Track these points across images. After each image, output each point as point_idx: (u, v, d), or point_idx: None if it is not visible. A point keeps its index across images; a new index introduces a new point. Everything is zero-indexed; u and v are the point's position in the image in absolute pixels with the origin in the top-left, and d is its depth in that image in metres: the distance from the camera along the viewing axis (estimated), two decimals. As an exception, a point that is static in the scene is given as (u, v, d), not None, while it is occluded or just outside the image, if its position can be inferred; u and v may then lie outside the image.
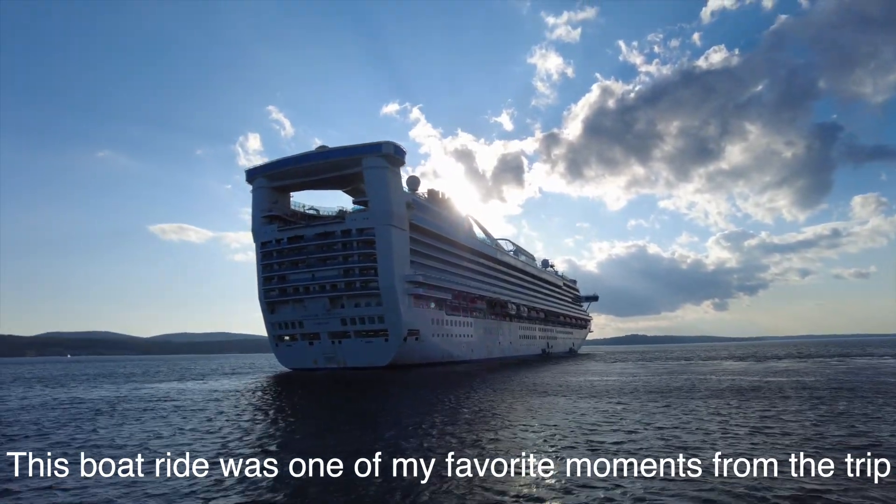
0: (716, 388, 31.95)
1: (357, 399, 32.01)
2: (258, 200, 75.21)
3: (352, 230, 68.91)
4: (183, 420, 22.43)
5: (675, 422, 18.95)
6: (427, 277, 73.89)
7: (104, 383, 51.59)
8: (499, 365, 76.02)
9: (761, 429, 17.15)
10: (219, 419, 22.51)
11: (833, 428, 17.16)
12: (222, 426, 20.40)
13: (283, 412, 25.81)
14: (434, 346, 75.34)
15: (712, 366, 61.48)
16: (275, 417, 23.52)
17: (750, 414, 20.55)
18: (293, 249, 71.60)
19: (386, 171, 68.61)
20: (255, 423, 21.32)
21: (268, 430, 19.81)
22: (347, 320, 68.77)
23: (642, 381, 39.97)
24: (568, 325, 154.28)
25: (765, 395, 27.69)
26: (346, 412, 25.20)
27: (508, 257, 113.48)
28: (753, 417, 19.65)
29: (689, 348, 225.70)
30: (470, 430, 18.32)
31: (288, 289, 71.82)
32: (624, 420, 19.72)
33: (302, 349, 72.16)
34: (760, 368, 53.28)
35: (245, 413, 25.05)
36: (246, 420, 22.36)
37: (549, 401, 27.00)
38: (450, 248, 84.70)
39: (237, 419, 22.57)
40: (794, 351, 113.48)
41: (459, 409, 24.06)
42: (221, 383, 47.88)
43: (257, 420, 22.46)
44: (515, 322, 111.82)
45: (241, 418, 22.93)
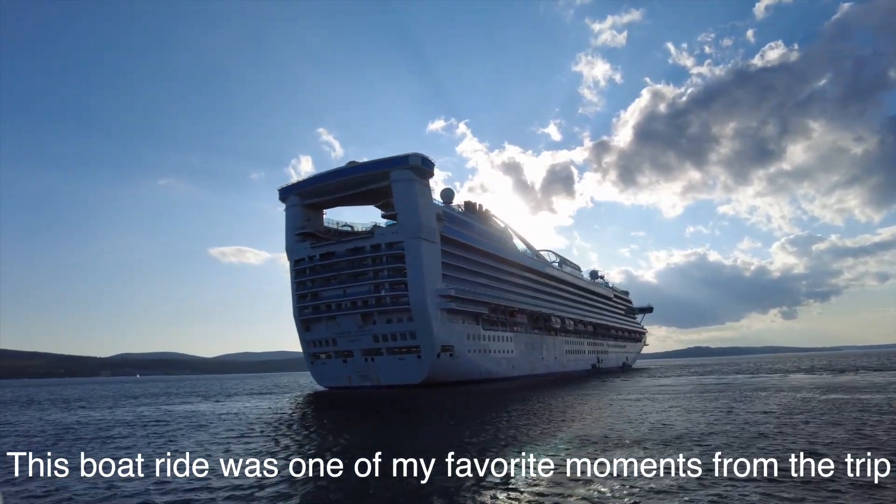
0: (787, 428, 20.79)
1: (373, 428, 29.87)
2: (291, 218, 75.32)
3: (381, 245, 67.56)
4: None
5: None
6: (460, 291, 71.42)
7: (130, 402, 51.87)
8: (539, 382, 72.34)
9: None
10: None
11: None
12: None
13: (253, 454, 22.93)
14: (470, 362, 72.52)
15: (775, 380, 55.53)
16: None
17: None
18: (325, 266, 71.02)
19: (414, 184, 67.07)
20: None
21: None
22: (379, 337, 67.19)
23: (674, 408, 35.78)
24: (620, 339, 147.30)
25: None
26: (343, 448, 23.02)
27: (551, 268, 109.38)
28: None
29: (753, 360, 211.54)
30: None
31: (321, 306, 71.09)
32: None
33: (336, 367, 71.06)
34: (852, 384, 47.41)
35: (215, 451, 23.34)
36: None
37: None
38: (486, 260, 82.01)
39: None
40: (880, 362, 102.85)
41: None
42: (238, 405, 46.97)
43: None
44: (561, 336, 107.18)
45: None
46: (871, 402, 29.45)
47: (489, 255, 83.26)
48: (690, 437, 19.13)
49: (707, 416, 25.59)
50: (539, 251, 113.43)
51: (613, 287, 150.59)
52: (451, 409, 36.19)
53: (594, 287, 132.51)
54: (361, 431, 25.74)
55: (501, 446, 18.64)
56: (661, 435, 19.93)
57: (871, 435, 18.45)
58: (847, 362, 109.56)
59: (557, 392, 48.84)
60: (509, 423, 25.68)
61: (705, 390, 43.84)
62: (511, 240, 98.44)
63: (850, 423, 21.56)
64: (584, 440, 19.33)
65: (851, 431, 19.32)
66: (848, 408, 26.88)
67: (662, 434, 20.16)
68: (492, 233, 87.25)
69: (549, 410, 31.53)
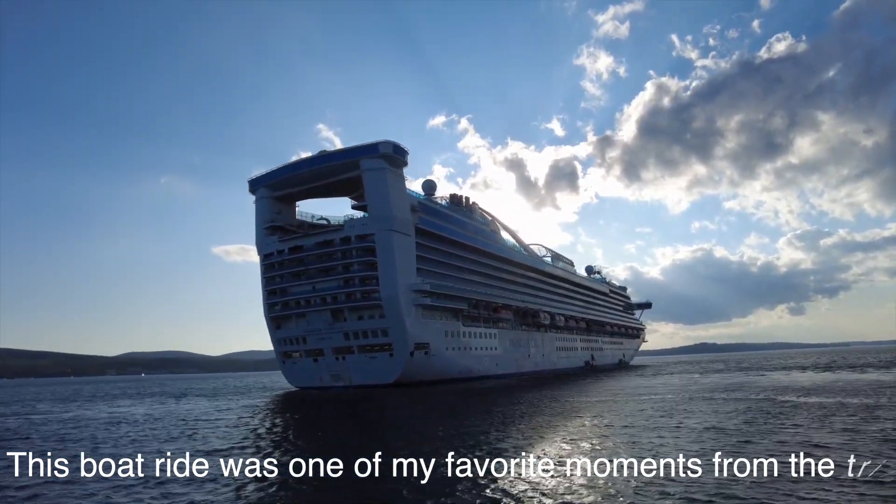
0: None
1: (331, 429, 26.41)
2: (260, 211, 72.13)
3: (351, 238, 64.17)
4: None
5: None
6: (437, 286, 67.93)
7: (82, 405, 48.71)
8: (522, 381, 68.77)
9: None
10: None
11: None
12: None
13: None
14: (448, 360, 69.05)
15: (775, 379, 51.57)
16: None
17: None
18: (294, 261, 67.73)
19: (385, 173, 63.59)
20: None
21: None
22: (350, 335, 63.87)
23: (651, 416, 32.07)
24: (617, 336, 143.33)
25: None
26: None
27: (541, 263, 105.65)
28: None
29: (759, 356, 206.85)
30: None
31: (290, 303, 67.89)
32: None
33: (307, 366, 67.84)
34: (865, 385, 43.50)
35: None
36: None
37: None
38: (468, 254, 78.52)
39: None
40: (889, 357, 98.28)
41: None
42: (186, 407, 43.65)
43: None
44: (552, 333, 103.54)
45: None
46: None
47: (471, 249, 79.75)
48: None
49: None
50: (529, 245, 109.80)
51: (609, 282, 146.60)
52: (397, 410, 32.74)
53: (588, 282, 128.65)
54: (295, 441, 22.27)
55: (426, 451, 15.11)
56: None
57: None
58: (851, 359, 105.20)
59: (526, 393, 45.26)
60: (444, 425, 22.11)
61: (693, 396, 40.06)
62: (498, 234, 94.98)
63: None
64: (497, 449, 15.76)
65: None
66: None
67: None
68: (476, 226, 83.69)
69: (499, 412, 28.00)
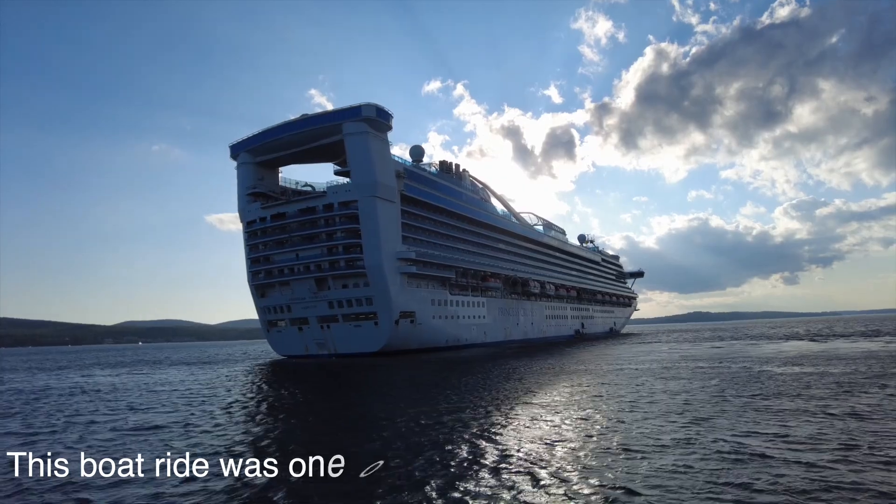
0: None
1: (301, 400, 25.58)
2: (242, 177, 70.25)
3: (334, 204, 62.64)
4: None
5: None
6: (423, 254, 66.83)
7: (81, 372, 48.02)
8: (507, 350, 68.48)
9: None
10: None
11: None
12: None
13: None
14: (436, 329, 68.50)
15: (756, 349, 51.35)
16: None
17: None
18: (276, 228, 66.34)
19: (368, 137, 61.62)
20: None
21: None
22: (335, 303, 62.98)
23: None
24: (608, 304, 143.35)
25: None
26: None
27: (532, 231, 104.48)
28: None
29: (749, 325, 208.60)
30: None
31: (273, 271, 66.73)
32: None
33: (292, 335, 67.18)
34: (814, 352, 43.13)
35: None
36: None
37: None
38: (456, 222, 77.23)
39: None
40: (870, 327, 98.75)
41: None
42: (172, 374, 42.94)
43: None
44: (542, 301, 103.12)
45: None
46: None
47: (460, 217, 78.43)
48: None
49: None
50: (520, 214, 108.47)
51: (602, 251, 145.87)
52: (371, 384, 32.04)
53: (580, 251, 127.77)
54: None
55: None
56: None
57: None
58: (841, 327, 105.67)
59: (505, 363, 44.71)
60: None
61: (667, 366, 39.55)
62: (489, 202, 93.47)
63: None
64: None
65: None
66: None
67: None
68: (465, 194, 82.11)
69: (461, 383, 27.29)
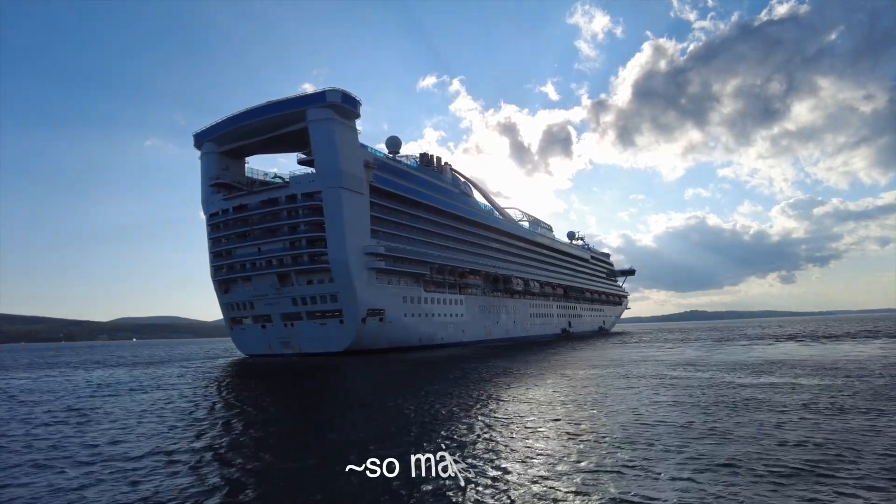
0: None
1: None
2: (206, 167, 66.83)
3: (297, 195, 59.32)
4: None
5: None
6: (394, 249, 63.60)
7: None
8: (482, 350, 65.26)
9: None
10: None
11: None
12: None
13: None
14: (408, 327, 65.27)
15: (743, 353, 48.18)
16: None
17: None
18: (238, 221, 63.03)
19: (333, 125, 58.26)
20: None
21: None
22: (298, 300, 59.70)
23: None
24: (597, 303, 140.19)
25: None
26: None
27: (516, 228, 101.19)
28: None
29: (744, 324, 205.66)
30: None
31: (236, 265, 63.40)
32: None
33: (256, 333, 63.92)
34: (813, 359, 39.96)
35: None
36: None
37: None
38: (432, 216, 73.99)
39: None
40: (866, 327, 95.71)
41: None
42: (120, 374, 39.64)
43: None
44: (526, 299, 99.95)
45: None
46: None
47: (437, 211, 75.18)
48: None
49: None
50: (506, 209, 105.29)
51: (592, 249, 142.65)
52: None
53: (568, 248, 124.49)
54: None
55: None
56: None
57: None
58: (831, 329, 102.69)
59: (470, 364, 41.49)
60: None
61: (632, 375, 36.35)
62: (471, 197, 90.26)
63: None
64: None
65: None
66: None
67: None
68: (444, 187, 78.81)
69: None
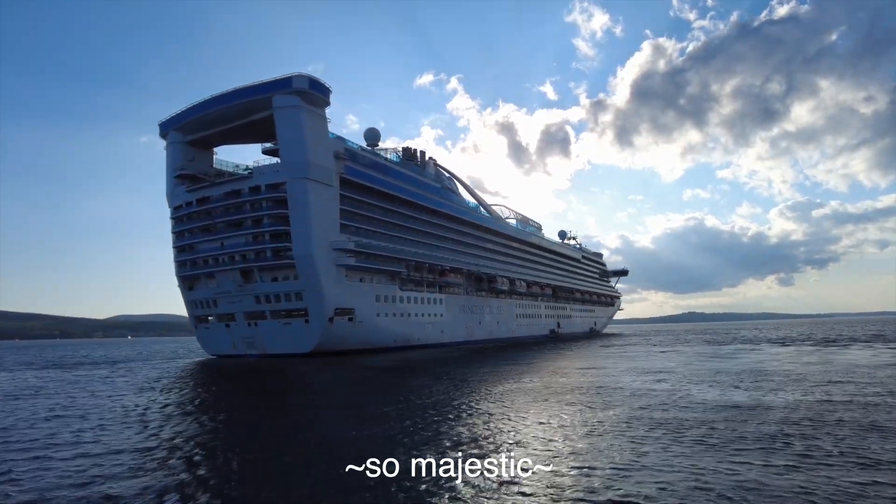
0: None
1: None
2: (171, 157, 63.72)
3: (261, 187, 56.09)
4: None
5: None
6: (366, 245, 60.42)
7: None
8: (456, 352, 62.12)
9: None
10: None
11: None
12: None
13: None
14: (381, 328, 62.08)
15: (729, 359, 45.04)
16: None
17: None
18: (201, 213, 59.80)
19: (300, 112, 55.01)
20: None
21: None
22: (262, 298, 56.47)
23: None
24: (588, 303, 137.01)
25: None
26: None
27: (502, 225, 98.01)
28: None
29: (740, 326, 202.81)
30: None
31: (198, 261, 60.19)
32: None
33: (220, 333, 60.75)
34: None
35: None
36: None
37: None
38: (409, 211, 70.74)
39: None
40: (865, 330, 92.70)
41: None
42: (90, 373, 36.44)
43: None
44: (513, 299, 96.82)
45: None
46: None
47: (416, 206, 72.01)
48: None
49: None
50: (492, 206, 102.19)
51: (583, 248, 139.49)
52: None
53: (557, 247, 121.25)
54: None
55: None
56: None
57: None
58: (830, 332, 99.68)
59: (438, 369, 38.34)
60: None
61: (608, 384, 33.27)
62: (456, 193, 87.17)
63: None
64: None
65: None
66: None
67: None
68: (424, 182, 75.61)
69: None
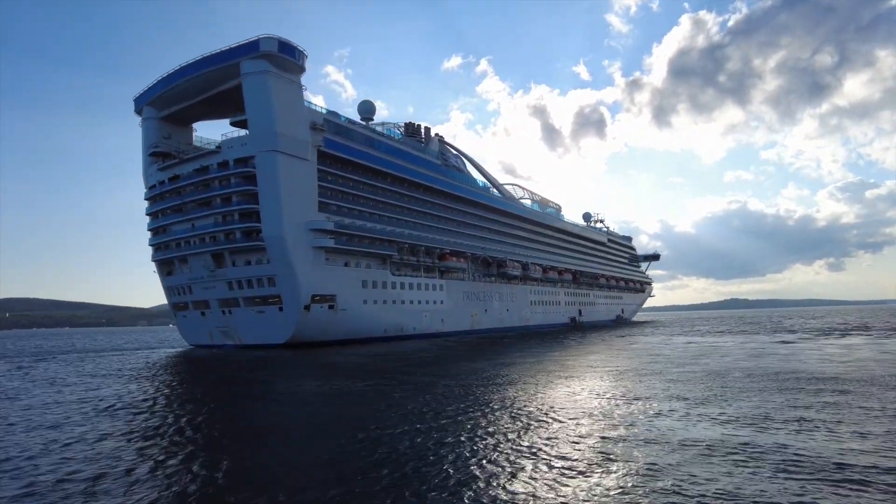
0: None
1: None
2: (146, 134, 59.62)
3: (229, 162, 51.22)
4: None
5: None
6: (349, 225, 55.03)
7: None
8: (451, 343, 56.23)
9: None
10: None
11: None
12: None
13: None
14: (368, 316, 56.80)
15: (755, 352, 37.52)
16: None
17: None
18: (173, 192, 55.53)
19: (268, 77, 49.65)
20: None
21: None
22: (234, 284, 51.91)
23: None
24: (615, 289, 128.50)
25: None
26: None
27: (514, 205, 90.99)
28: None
29: (785, 314, 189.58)
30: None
31: (171, 244, 56.10)
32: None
33: (197, 321, 56.71)
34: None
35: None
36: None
37: None
38: (403, 189, 65.06)
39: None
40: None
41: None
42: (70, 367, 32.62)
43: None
44: (528, 284, 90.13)
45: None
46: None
47: (410, 184, 66.28)
48: None
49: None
50: (504, 185, 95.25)
51: (610, 231, 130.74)
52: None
53: (579, 230, 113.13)
54: None
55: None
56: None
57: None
58: (876, 321, 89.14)
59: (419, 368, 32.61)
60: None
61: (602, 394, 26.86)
62: (463, 171, 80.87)
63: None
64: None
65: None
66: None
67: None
68: (422, 158, 69.59)
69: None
